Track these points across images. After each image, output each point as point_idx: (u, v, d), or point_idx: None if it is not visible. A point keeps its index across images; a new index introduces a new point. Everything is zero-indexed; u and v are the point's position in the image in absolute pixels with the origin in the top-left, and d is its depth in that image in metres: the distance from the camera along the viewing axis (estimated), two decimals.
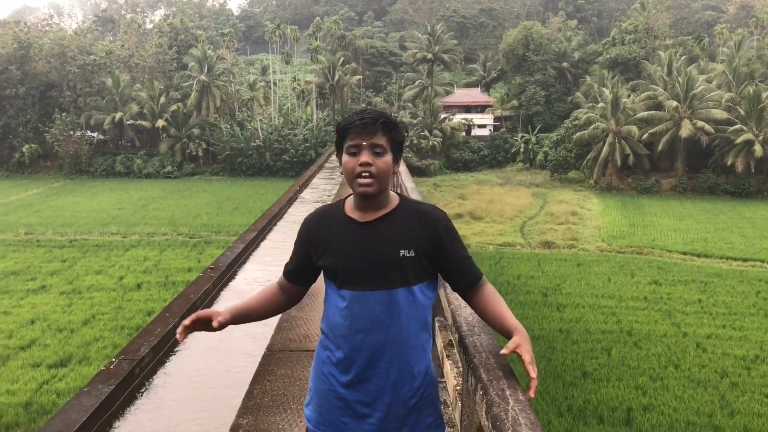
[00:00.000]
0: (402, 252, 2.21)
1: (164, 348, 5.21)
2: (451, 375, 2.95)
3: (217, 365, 5.28)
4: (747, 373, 17.61)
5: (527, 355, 2.12)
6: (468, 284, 2.34)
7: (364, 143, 2.20)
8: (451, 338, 3.22)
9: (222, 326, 2.40)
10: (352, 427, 2.27)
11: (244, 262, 8.09)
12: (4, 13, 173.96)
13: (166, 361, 5.18)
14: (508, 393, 1.82)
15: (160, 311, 5.47)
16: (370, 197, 2.25)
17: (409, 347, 2.24)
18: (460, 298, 2.77)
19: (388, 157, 2.24)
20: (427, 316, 2.31)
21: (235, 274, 7.43)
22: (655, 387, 16.67)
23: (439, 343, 3.38)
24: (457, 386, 2.83)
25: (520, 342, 2.19)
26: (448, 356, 3.09)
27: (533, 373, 2.05)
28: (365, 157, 2.19)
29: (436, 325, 3.46)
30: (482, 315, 2.39)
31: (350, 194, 2.36)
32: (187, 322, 2.36)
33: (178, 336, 2.38)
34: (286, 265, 2.48)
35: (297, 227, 2.47)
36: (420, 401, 2.28)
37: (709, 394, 16.27)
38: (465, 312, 2.63)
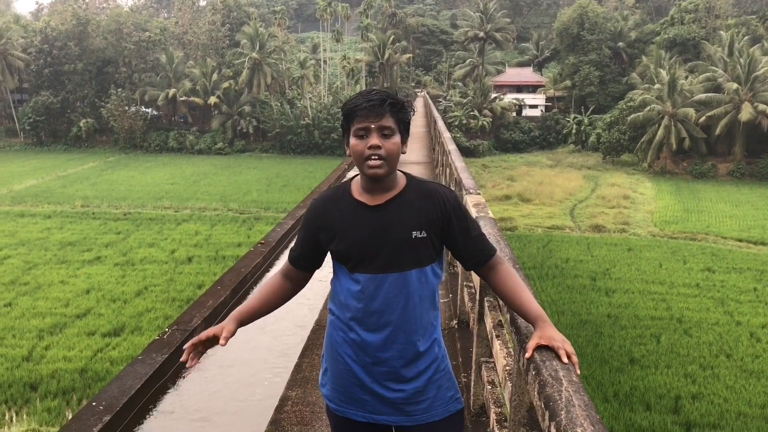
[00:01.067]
0: (414, 233, 2.23)
1: (215, 319, 5.29)
2: (501, 355, 2.92)
3: (266, 337, 5.34)
4: None
5: (563, 351, 2.07)
6: (478, 261, 2.34)
7: (373, 126, 2.18)
8: (501, 318, 3.19)
9: (228, 339, 2.39)
10: (374, 403, 2.32)
11: (293, 238, 8.22)
12: None
13: None
14: (561, 374, 1.79)
15: (212, 284, 5.56)
16: (380, 179, 2.24)
17: (422, 324, 2.28)
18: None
19: (397, 139, 2.22)
20: (436, 293, 2.34)
21: (285, 249, 7.52)
22: (705, 376, 16.33)
23: (488, 323, 3.35)
24: (506, 366, 2.80)
25: (547, 335, 2.16)
26: (497, 336, 3.06)
27: (576, 369, 2.02)
28: (374, 139, 2.18)
29: (486, 305, 3.43)
30: (499, 294, 2.38)
31: (354, 176, 2.36)
32: (188, 346, 2.34)
33: (185, 360, 2.37)
34: (292, 251, 2.48)
35: None
36: (437, 374, 2.32)
37: (762, 385, 15.86)
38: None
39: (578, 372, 1.99)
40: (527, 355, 2.12)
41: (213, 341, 2.37)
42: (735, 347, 18.13)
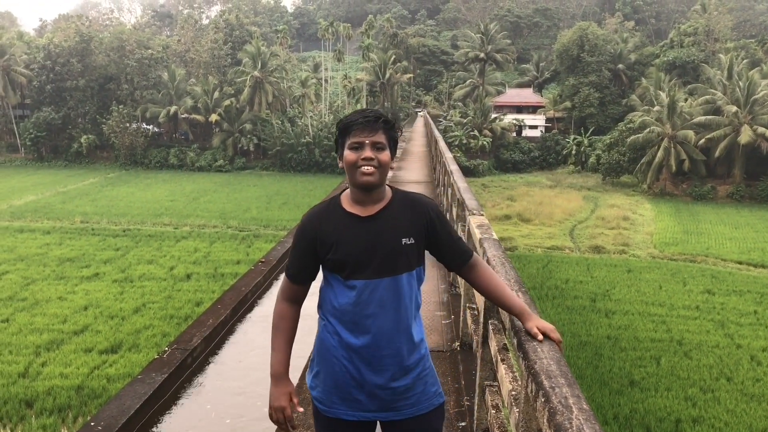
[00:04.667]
0: (404, 240, 2.43)
1: (216, 339, 5.25)
2: (506, 380, 2.88)
3: (267, 358, 5.28)
4: None
5: (554, 335, 2.48)
6: (461, 262, 2.58)
7: (367, 141, 2.37)
8: (506, 342, 3.16)
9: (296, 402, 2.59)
10: (366, 402, 2.47)
11: None
12: (69, 7, 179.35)
13: (217, 352, 5.21)
14: (571, 401, 1.76)
15: (213, 303, 5.51)
16: (371, 189, 2.41)
17: (410, 324, 2.48)
18: (521, 299, 2.76)
19: (388, 152, 2.42)
20: (419, 293, 2.56)
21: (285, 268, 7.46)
22: (705, 399, 16.22)
23: (493, 346, 3.30)
24: (512, 391, 2.77)
25: (541, 325, 2.52)
26: (502, 360, 3.02)
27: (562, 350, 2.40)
28: (368, 152, 2.37)
29: (490, 327, 3.39)
30: (481, 291, 2.67)
31: (343, 191, 2.54)
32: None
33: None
34: (289, 270, 2.59)
35: None
36: (424, 371, 2.52)
37: (763, 410, 15.75)
38: None
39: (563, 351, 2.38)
40: (539, 337, 2.43)
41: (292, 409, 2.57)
42: (735, 370, 18.03)
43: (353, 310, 2.42)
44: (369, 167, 2.36)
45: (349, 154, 2.39)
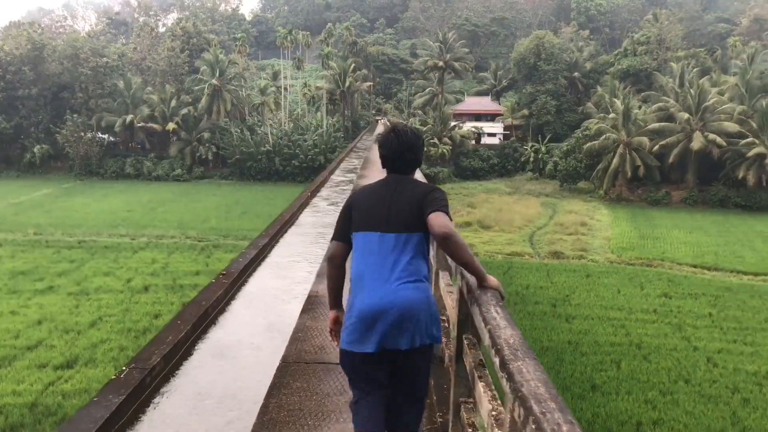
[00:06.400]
0: None
1: (176, 357, 5.08)
2: (485, 398, 2.77)
3: (230, 376, 5.12)
4: (759, 390, 17.39)
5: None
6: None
7: None
8: (482, 358, 3.09)
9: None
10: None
11: (256, 268, 7.91)
12: (19, 14, 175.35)
13: (177, 371, 5.04)
14: (565, 429, 1.71)
15: (173, 318, 5.34)
16: None
17: None
18: (499, 316, 2.69)
19: None
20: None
21: (247, 281, 7.28)
22: (665, 401, 16.46)
23: (468, 362, 3.21)
24: (493, 411, 2.68)
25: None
26: (480, 377, 2.93)
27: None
28: None
29: (465, 343, 3.32)
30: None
31: None
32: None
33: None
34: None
35: (310, 233, 2.52)
36: None
37: (720, 410, 16.05)
38: (505, 333, 2.49)
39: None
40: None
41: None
42: (693, 372, 18.36)
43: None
44: None
45: None
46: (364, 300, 3.06)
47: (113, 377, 4.39)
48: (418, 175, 12.06)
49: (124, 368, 4.49)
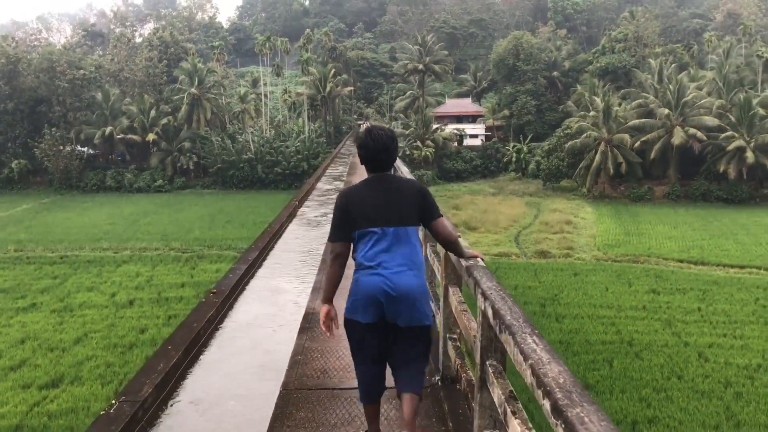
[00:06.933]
0: None
1: (168, 385, 4.79)
2: None
3: (228, 406, 4.84)
4: (750, 383, 17.40)
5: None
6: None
7: None
8: (512, 389, 2.83)
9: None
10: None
11: (248, 283, 7.58)
12: None
13: (170, 401, 4.73)
14: None
15: (163, 343, 5.07)
16: None
17: None
18: (539, 348, 2.41)
19: None
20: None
21: (239, 298, 6.96)
22: (659, 399, 16.42)
23: (497, 393, 2.90)
24: None
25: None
26: (513, 413, 2.61)
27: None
28: None
29: (489, 370, 3.05)
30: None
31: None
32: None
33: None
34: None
35: (298, 244, 2.34)
36: None
37: (714, 405, 16.03)
38: (552, 370, 2.18)
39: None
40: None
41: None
42: (685, 368, 18.35)
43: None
44: None
45: None
46: (372, 282, 3.54)
47: (102, 412, 4.16)
48: (398, 163, 11.93)
49: (113, 401, 4.25)
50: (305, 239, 11.56)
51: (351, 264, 3.73)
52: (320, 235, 11.24)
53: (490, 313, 3.11)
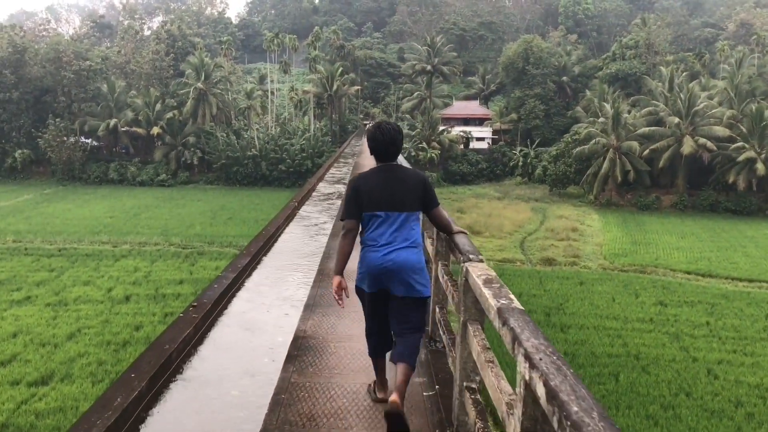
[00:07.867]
0: None
1: (124, 427, 3.77)
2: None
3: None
4: (763, 403, 16.82)
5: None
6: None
7: None
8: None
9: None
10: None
11: (234, 295, 6.81)
12: (1, 17, 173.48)
13: None
14: None
15: (127, 368, 4.29)
16: None
17: None
18: (573, 387, 1.89)
19: None
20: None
21: (223, 312, 6.27)
22: (667, 417, 15.86)
23: (513, 425, 2.32)
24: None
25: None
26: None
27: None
28: None
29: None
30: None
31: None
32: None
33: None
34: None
35: (293, 250, 1.77)
36: None
37: (724, 426, 15.47)
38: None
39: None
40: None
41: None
42: (694, 385, 17.77)
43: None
44: None
45: None
46: (375, 258, 4.02)
47: None
48: (400, 158, 11.52)
49: None
50: (302, 245, 10.95)
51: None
52: (318, 247, 10.54)
53: (540, 390, 2.15)
